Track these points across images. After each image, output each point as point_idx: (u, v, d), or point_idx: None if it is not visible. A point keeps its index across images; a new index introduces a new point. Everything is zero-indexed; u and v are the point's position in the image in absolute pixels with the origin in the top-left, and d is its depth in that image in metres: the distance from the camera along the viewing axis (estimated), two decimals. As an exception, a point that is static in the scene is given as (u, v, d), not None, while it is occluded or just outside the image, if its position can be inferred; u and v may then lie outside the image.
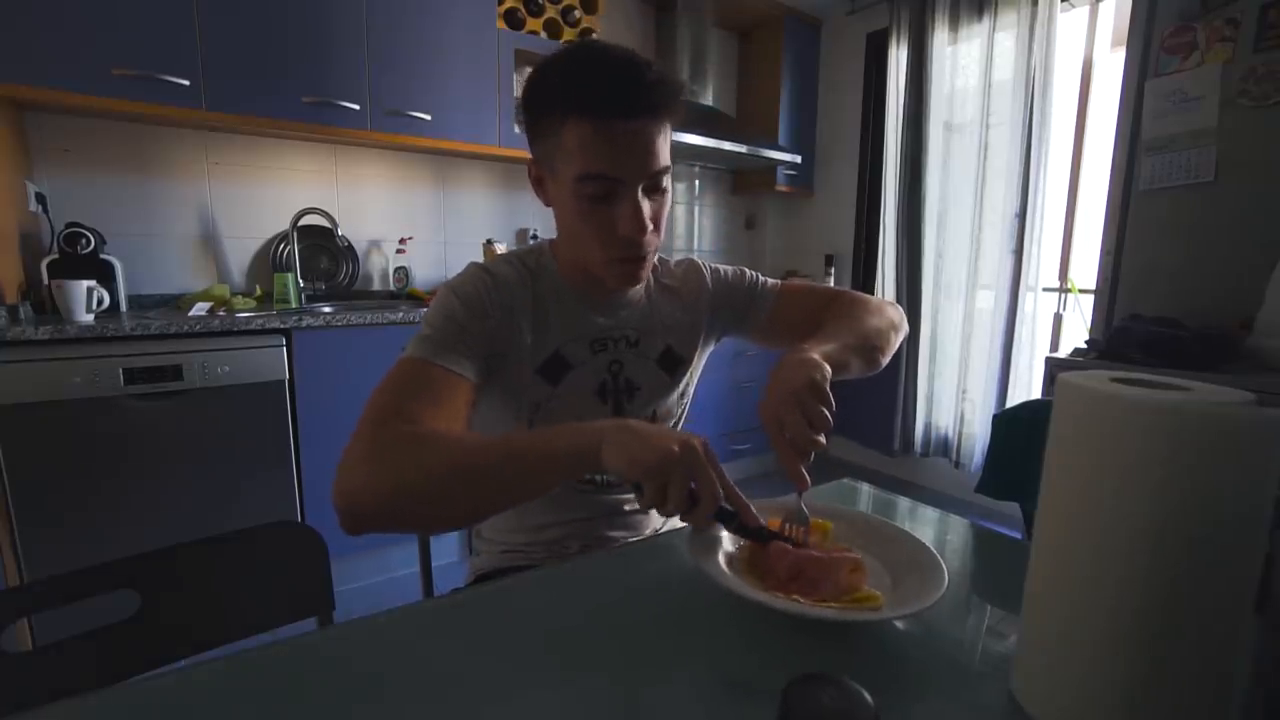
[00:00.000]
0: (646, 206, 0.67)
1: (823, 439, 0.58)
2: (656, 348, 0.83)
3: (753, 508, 0.58)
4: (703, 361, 0.90)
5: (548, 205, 0.74)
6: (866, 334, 0.78)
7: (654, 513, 0.86)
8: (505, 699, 0.42)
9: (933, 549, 0.56)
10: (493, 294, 0.72)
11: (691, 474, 0.52)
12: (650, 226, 0.68)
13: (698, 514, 0.53)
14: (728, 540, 0.60)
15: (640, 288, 0.83)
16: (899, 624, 0.51)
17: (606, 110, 0.63)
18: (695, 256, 0.92)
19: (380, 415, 0.59)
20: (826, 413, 0.59)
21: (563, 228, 0.74)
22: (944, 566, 0.53)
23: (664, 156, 0.68)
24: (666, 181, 0.70)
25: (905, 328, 0.87)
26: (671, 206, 0.80)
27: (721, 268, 0.91)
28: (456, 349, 0.67)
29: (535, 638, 0.49)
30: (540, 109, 0.67)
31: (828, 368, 0.63)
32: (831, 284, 3.11)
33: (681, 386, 0.86)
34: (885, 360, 0.81)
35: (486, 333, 0.71)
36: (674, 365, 0.84)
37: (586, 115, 0.63)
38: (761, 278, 0.92)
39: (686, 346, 0.85)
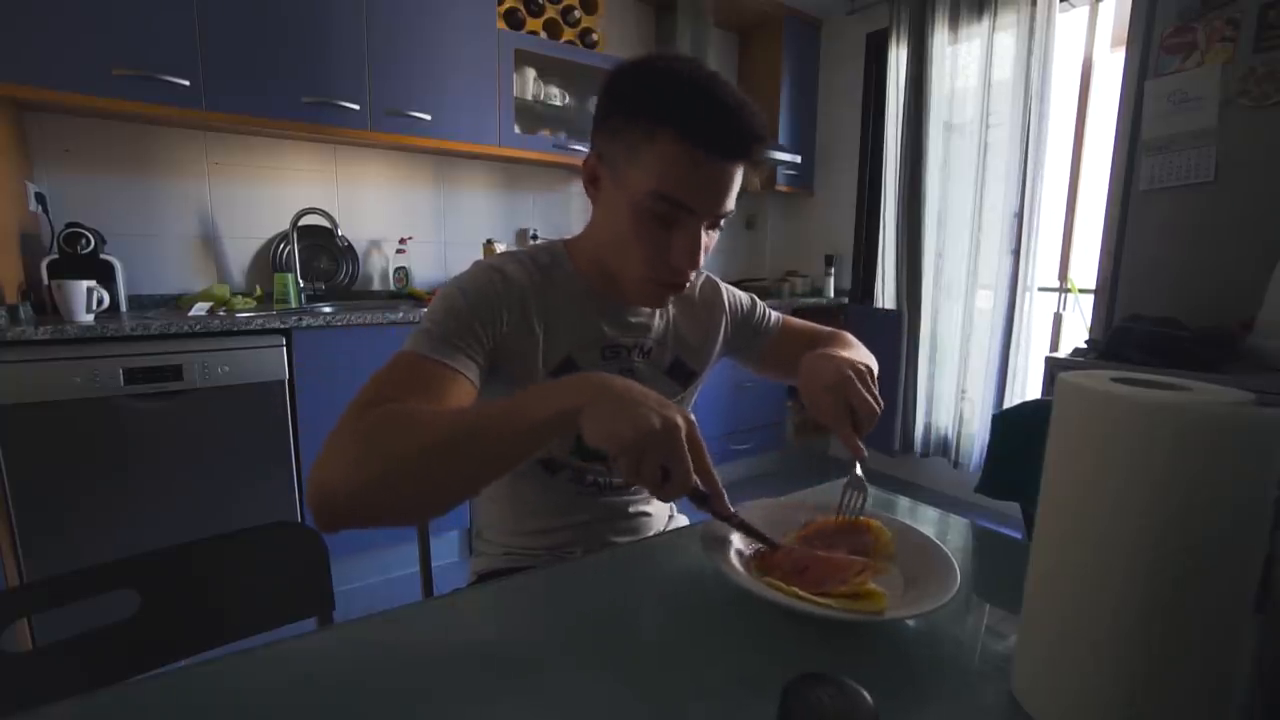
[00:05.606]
0: (702, 241, 0.67)
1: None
2: (667, 358, 0.83)
3: (726, 497, 0.56)
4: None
5: (595, 203, 0.72)
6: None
7: (657, 516, 0.87)
8: (505, 699, 0.42)
9: (947, 550, 0.56)
10: (504, 297, 0.69)
11: (665, 454, 0.50)
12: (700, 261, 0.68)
13: (666, 492, 0.51)
14: (738, 538, 0.61)
15: None
16: (903, 623, 0.51)
17: (706, 143, 0.61)
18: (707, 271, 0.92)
19: (360, 408, 0.56)
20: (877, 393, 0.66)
21: (605, 232, 0.71)
22: (957, 569, 0.53)
23: (734, 198, 0.67)
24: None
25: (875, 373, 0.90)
26: None
27: (737, 292, 0.93)
28: (456, 345, 0.64)
29: (536, 638, 0.49)
30: (629, 110, 0.64)
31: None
32: (831, 284, 3.13)
33: (685, 394, 0.86)
34: None
35: (496, 337, 0.68)
36: (684, 377, 0.84)
37: (684, 139, 0.61)
38: (768, 310, 0.95)
39: (697, 360, 0.86)
